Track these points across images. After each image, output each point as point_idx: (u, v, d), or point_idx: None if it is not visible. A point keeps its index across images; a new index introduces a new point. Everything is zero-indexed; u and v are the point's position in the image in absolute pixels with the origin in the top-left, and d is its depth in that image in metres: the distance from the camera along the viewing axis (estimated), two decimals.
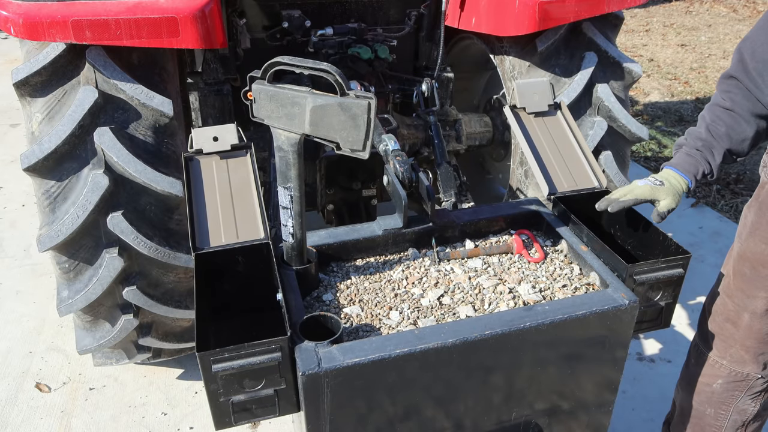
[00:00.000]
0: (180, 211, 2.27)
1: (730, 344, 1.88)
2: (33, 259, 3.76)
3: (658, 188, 1.76)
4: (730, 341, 1.88)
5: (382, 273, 1.77)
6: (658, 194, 1.75)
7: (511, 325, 1.48)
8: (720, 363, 1.92)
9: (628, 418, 2.67)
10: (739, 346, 1.86)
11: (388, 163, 1.89)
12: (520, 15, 2.47)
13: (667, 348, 3.06)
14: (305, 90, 1.39)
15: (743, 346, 1.85)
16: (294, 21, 2.75)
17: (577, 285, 1.72)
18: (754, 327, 1.81)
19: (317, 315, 1.51)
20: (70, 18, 2.00)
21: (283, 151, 1.50)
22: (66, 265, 2.25)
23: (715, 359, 1.93)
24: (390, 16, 3.00)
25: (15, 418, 2.70)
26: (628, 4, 2.61)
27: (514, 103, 2.08)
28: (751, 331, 1.82)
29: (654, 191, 1.75)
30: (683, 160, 1.81)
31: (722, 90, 1.80)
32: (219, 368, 1.34)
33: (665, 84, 6.97)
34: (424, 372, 1.46)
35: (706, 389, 1.97)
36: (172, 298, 2.40)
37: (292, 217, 1.59)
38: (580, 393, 1.70)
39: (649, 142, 5.41)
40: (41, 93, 2.19)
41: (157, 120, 2.21)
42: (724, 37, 8.81)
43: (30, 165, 2.11)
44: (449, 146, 3.01)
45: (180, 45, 2.14)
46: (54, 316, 3.23)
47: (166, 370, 2.96)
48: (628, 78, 2.72)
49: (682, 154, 1.83)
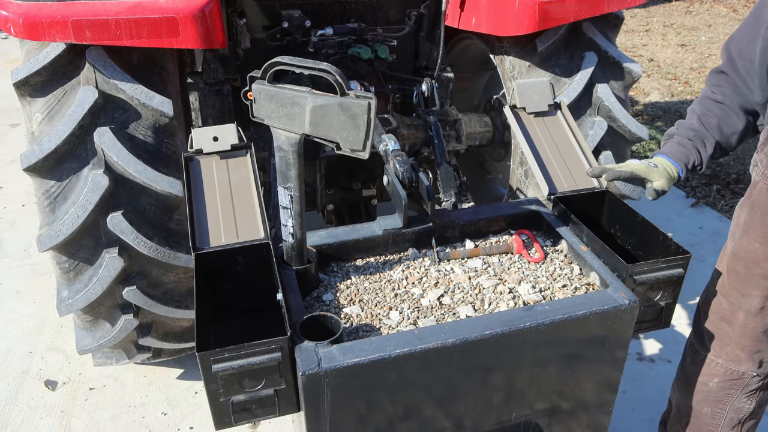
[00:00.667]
0: (180, 211, 2.27)
1: (725, 343, 1.88)
2: (33, 259, 3.76)
3: (653, 169, 1.80)
4: (726, 340, 1.88)
5: (382, 273, 1.77)
6: (653, 175, 1.80)
7: (511, 325, 1.48)
8: (716, 362, 1.92)
9: (628, 418, 2.67)
10: (735, 344, 1.86)
11: (388, 163, 1.89)
12: (520, 15, 2.47)
13: (667, 348, 3.06)
14: (305, 90, 1.39)
15: (738, 344, 1.86)
16: (294, 21, 2.75)
17: (577, 285, 1.72)
18: (749, 325, 1.81)
19: (317, 315, 1.51)
20: (70, 18, 2.01)
21: (283, 151, 1.50)
22: (66, 265, 2.25)
23: (711, 358, 1.93)
24: (390, 16, 3.00)
25: (15, 418, 2.70)
26: (628, 4, 2.61)
27: (514, 103, 2.08)
28: (746, 329, 1.82)
29: (649, 170, 1.80)
30: (675, 149, 1.84)
31: (712, 84, 1.84)
32: (219, 368, 1.34)
33: (665, 84, 6.97)
34: (424, 372, 1.46)
35: (702, 388, 1.97)
36: (172, 298, 2.40)
37: (292, 217, 1.59)
38: (580, 393, 1.70)
39: (649, 142, 5.41)
40: (41, 93, 2.19)
41: (157, 120, 2.21)
42: (724, 37, 8.79)
43: (30, 165, 2.11)
44: (449, 146, 3.01)
45: (180, 45, 2.15)
46: (54, 316, 3.23)
47: (166, 370, 2.96)
48: (628, 78, 2.72)
49: (673, 143, 1.86)
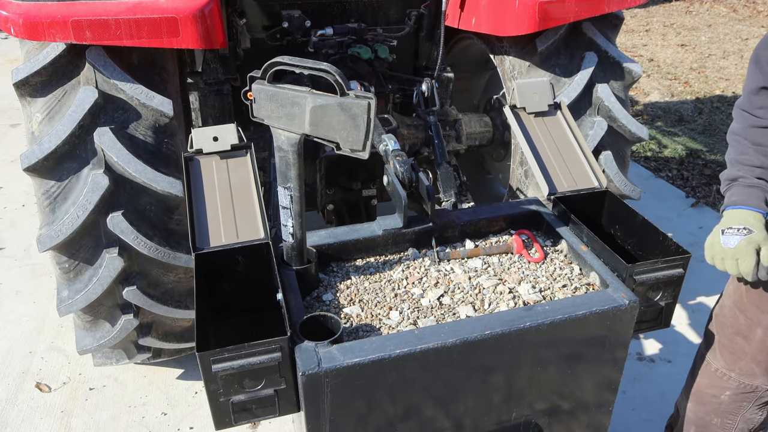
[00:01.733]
0: (180, 211, 2.27)
1: (740, 357, 1.84)
2: (33, 259, 3.76)
3: (754, 236, 1.57)
4: (740, 354, 1.84)
5: (382, 273, 1.77)
6: (761, 240, 1.57)
7: (511, 325, 1.48)
8: (728, 375, 1.88)
9: (628, 418, 2.67)
10: (750, 359, 1.83)
11: (388, 163, 1.89)
12: (520, 15, 2.47)
13: (667, 348, 3.06)
14: (305, 90, 1.39)
15: (754, 359, 1.82)
16: (294, 21, 2.75)
17: (577, 285, 1.72)
18: (767, 342, 1.78)
19: (317, 315, 1.51)
20: (70, 18, 2.01)
21: (283, 151, 1.50)
22: (66, 265, 2.25)
23: (724, 371, 1.89)
24: (390, 16, 3.00)
25: (15, 418, 2.70)
26: (628, 4, 2.61)
27: (514, 103, 2.08)
28: (764, 345, 1.79)
29: (754, 239, 1.56)
30: (748, 195, 1.61)
31: (756, 106, 1.64)
32: (219, 368, 1.34)
33: (665, 84, 6.97)
34: (424, 372, 1.46)
35: (713, 400, 1.94)
36: (172, 298, 2.40)
37: (292, 217, 1.59)
38: (580, 393, 1.70)
39: (649, 142, 5.41)
40: (41, 93, 2.19)
41: (157, 120, 2.21)
42: (724, 37, 8.81)
43: (30, 165, 2.11)
44: (449, 146, 3.01)
45: (180, 45, 2.15)
46: (54, 316, 3.23)
47: (166, 370, 2.96)
48: (628, 78, 2.72)
49: (741, 188, 1.64)
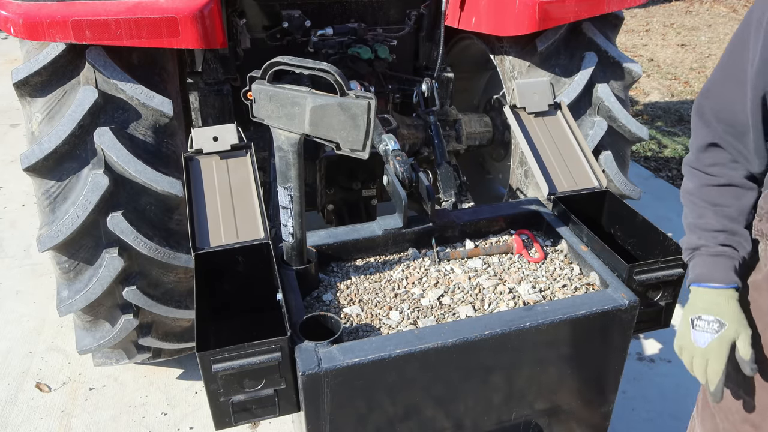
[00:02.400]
0: (180, 211, 2.27)
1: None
2: (33, 259, 3.76)
3: (726, 332, 1.35)
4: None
5: (382, 273, 1.77)
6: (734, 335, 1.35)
7: (511, 325, 1.48)
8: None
9: (628, 418, 2.67)
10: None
11: (388, 163, 1.89)
12: (520, 15, 2.47)
13: (667, 348, 3.06)
14: (305, 90, 1.39)
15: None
16: (294, 21, 2.75)
17: (577, 285, 1.72)
18: None
19: (317, 315, 1.51)
20: (70, 18, 2.01)
21: (283, 151, 1.50)
22: (66, 265, 2.25)
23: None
24: (390, 16, 3.00)
25: (15, 418, 2.70)
26: (628, 4, 2.61)
27: (514, 103, 2.08)
28: None
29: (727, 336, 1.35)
30: (713, 267, 1.41)
31: (707, 164, 1.46)
32: (219, 368, 1.34)
33: (665, 84, 6.97)
34: (424, 372, 1.46)
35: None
36: (172, 298, 2.40)
37: (292, 217, 1.59)
38: (580, 393, 1.70)
39: (649, 142, 5.41)
40: (41, 93, 2.19)
41: (157, 120, 2.21)
42: (724, 37, 8.81)
43: (30, 165, 2.11)
44: (449, 146, 3.01)
45: (180, 45, 2.14)
46: (54, 316, 3.23)
47: (166, 370, 2.95)
48: (628, 78, 2.72)
49: (705, 258, 1.43)
